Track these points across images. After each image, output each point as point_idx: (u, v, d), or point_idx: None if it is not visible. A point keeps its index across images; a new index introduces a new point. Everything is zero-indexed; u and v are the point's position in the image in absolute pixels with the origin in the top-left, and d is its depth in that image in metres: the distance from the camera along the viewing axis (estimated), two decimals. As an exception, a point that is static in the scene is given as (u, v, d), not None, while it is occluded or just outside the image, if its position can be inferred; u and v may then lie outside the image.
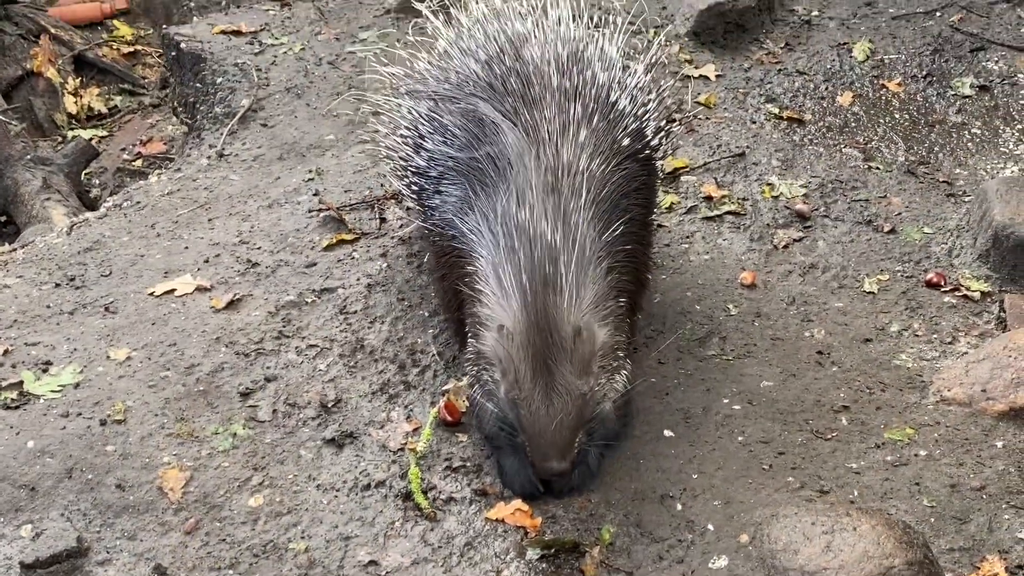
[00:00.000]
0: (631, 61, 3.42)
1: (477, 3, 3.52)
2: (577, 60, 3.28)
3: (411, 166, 3.39)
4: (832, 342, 3.48)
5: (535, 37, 3.36)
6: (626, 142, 3.21)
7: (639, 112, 3.29)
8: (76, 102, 5.54)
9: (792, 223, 3.95)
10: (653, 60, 3.43)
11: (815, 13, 4.97)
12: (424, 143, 3.34)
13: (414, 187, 3.40)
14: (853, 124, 4.45)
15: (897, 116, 4.50)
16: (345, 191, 4.07)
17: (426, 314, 3.52)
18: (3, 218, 4.80)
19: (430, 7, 3.60)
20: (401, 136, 3.46)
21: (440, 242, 3.25)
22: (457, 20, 3.51)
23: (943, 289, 3.68)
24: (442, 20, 3.54)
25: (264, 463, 3.06)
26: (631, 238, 3.14)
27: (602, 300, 2.96)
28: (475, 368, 3.07)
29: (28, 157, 4.69)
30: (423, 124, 3.35)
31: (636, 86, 3.33)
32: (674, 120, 3.70)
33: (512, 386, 2.89)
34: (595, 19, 3.51)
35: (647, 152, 3.31)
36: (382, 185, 4.03)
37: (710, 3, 4.83)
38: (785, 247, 3.85)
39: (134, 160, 5.22)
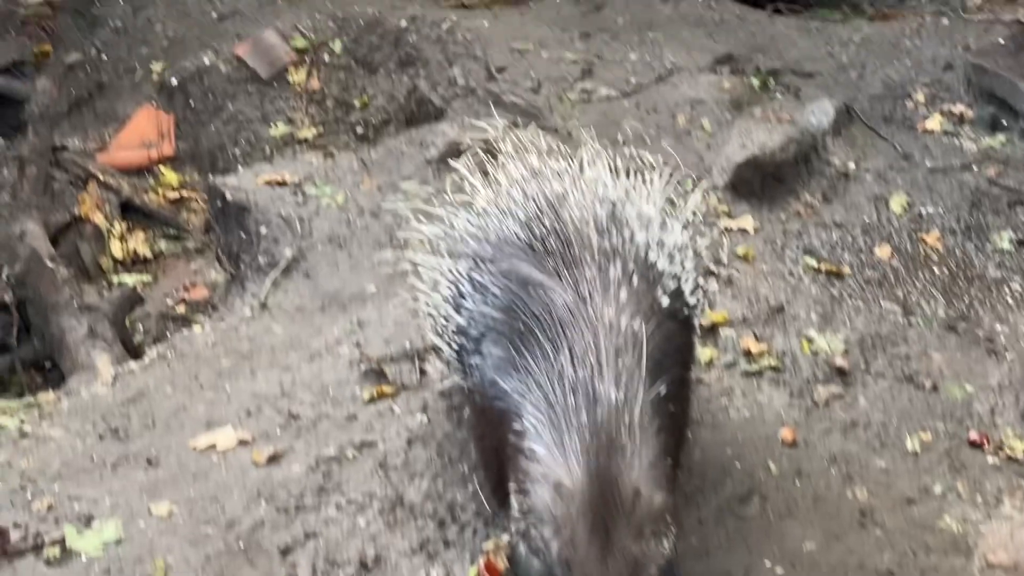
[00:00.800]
0: (669, 218, 3.46)
1: (515, 164, 3.57)
2: (615, 220, 3.32)
3: (451, 325, 3.42)
4: (875, 503, 3.45)
5: (573, 196, 3.40)
6: (666, 302, 3.24)
7: (678, 271, 3.32)
8: (122, 247, 5.62)
9: (832, 379, 3.95)
10: (690, 218, 3.47)
11: (852, 166, 5.02)
12: (464, 302, 3.37)
13: (454, 345, 3.43)
14: (892, 278, 4.47)
15: (936, 270, 4.52)
16: (386, 342, 4.10)
17: (465, 470, 3.53)
18: (49, 364, 4.87)
19: (467, 165, 3.66)
20: (441, 294, 3.50)
21: (482, 401, 3.27)
22: (495, 179, 3.57)
23: (986, 449, 3.66)
24: (479, 179, 3.60)
25: (303, 624, 3.05)
26: (674, 397, 3.15)
27: (655, 461, 2.97)
28: (522, 525, 3.06)
29: (74, 304, 4.75)
30: (463, 283, 3.39)
31: (674, 245, 3.36)
32: (713, 274, 3.73)
33: (566, 546, 2.88)
34: (631, 174, 3.55)
35: (686, 311, 3.34)
36: (422, 337, 4.06)
37: (747, 156, 4.89)
38: (826, 403, 3.85)
39: (177, 305, 5.28)
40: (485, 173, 3.58)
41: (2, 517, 3.36)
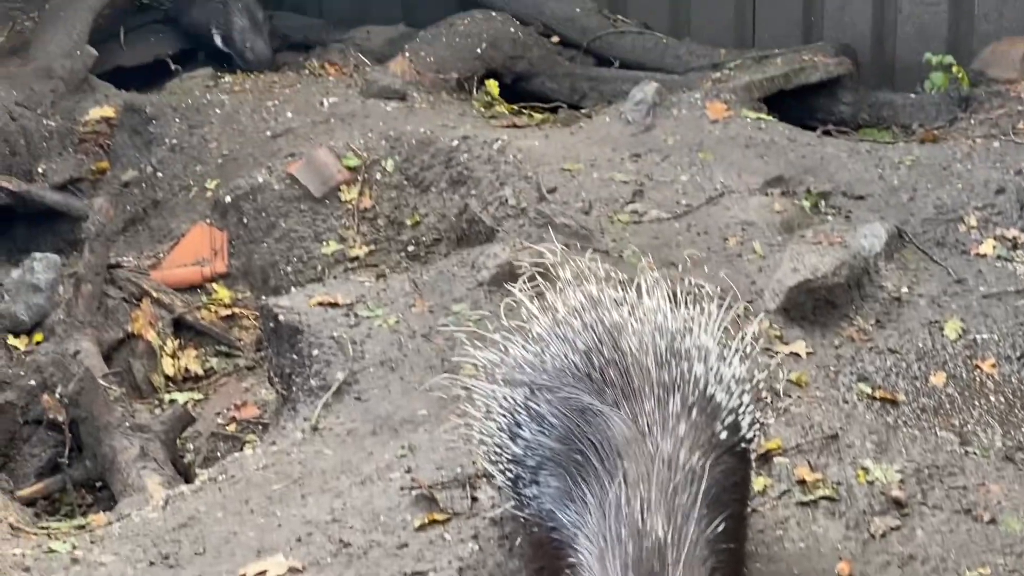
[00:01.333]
0: (726, 349, 3.45)
1: (573, 291, 3.57)
2: (675, 352, 3.32)
3: (506, 453, 3.41)
4: (935, 641, 3.39)
5: (632, 327, 3.40)
6: (724, 435, 3.23)
7: (736, 405, 3.31)
8: (174, 364, 5.66)
9: (889, 510, 3.90)
10: (747, 350, 3.46)
11: (905, 290, 5.00)
12: (521, 432, 3.36)
13: (509, 474, 3.41)
14: (948, 406, 4.43)
15: (992, 398, 4.48)
16: (437, 468, 4.08)
17: (518, 602, 3.49)
18: (99, 484, 4.88)
19: (523, 289, 3.67)
20: (495, 422, 3.49)
21: (537, 532, 3.25)
22: (552, 306, 3.57)
23: (1048, 586, 3.59)
24: (536, 305, 3.60)
25: None
26: (731, 535, 3.12)
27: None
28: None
29: (126, 424, 4.77)
30: (519, 412, 3.38)
31: (733, 377, 3.35)
32: (770, 405, 3.71)
33: None
34: (688, 303, 3.55)
35: (744, 444, 3.32)
36: (474, 463, 4.04)
37: (799, 280, 4.87)
38: (882, 536, 3.80)
39: (228, 424, 5.30)
40: (542, 299, 3.59)
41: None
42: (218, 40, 7.88)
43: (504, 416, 3.45)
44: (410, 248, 6.05)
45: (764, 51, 7.12)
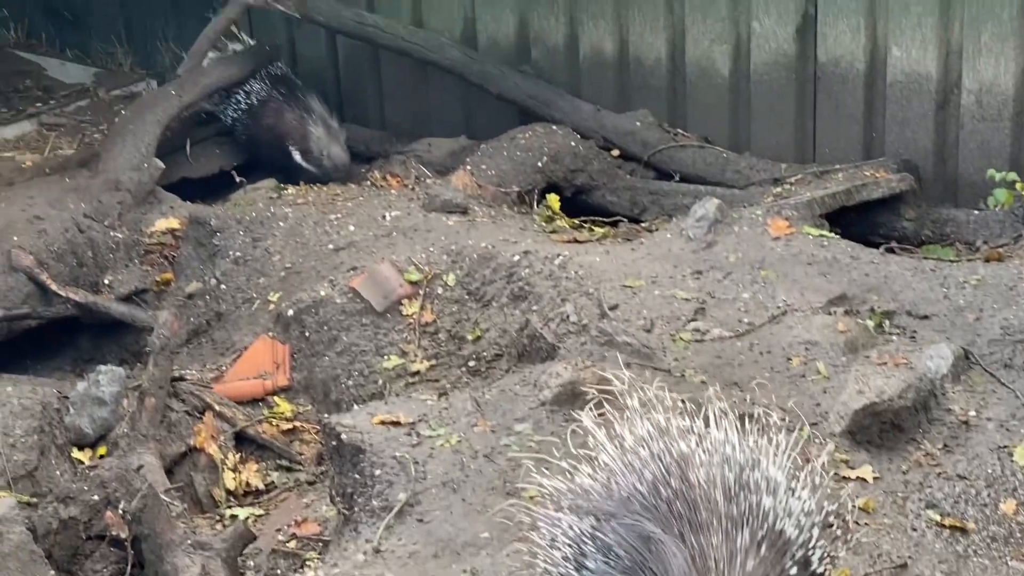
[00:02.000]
0: (796, 481, 3.41)
1: (640, 419, 3.56)
2: (743, 485, 3.29)
3: (572, 584, 3.38)
4: None
5: (700, 458, 3.38)
6: (793, 571, 3.19)
7: (806, 539, 3.27)
8: (235, 478, 5.67)
9: (961, 644, 3.82)
10: (817, 482, 3.42)
11: (972, 413, 4.94)
12: (586, 562, 3.34)
13: (574, 605, 3.38)
14: (1018, 535, 4.35)
15: (1064, 530, 4.39)
16: (500, 594, 4.05)
17: None
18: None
19: (590, 415, 3.66)
20: (560, 551, 3.46)
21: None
22: (619, 434, 3.55)
23: None
24: (603, 433, 3.58)
25: None
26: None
27: None
28: None
29: (188, 542, 4.77)
30: (586, 543, 3.36)
31: (802, 511, 3.32)
32: (837, 535, 3.65)
33: None
34: (755, 431, 3.52)
35: (813, 580, 3.28)
36: (538, 590, 4.00)
37: (864, 402, 4.82)
38: (955, 671, 3.72)
39: (288, 541, 5.28)
40: (608, 426, 3.58)
41: None
42: (297, 156, 8.00)
43: (570, 546, 3.42)
44: (471, 363, 6.06)
45: (825, 166, 7.14)
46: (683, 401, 3.60)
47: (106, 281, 6.96)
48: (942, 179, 7.07)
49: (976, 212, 6.73)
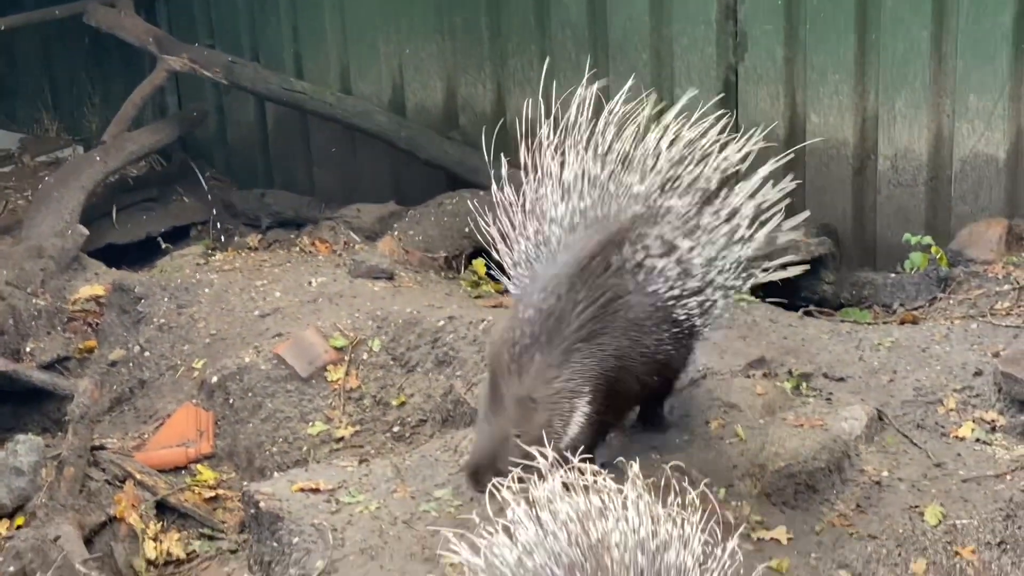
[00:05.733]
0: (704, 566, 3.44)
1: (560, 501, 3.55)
2: (655, 569, 3.33)
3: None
4: None
5: (615, 538, 3.41)
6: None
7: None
8: (156, 547, 5.62)
9: None
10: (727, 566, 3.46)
11: (885, 474, 5.01)
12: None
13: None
14: (929, 594, 4.42)
15: (973, 588, 4.46)
16: (416, 662, 4.06)
17: None
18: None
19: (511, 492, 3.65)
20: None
21: None
22: (537, 519, 3.55)
23: None
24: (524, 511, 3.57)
25: None
26: None
27: None
28: None
29: (105, 615, 4.74)
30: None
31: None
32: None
33: None
34: (672, 513, 3.52)
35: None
36: (453, 656, 4.01)
37: (780, 464, 4.89)
38: None
39: (209, 611, 5.25)
40: (529, 505, 3.58)
41: None
42: None
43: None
44: (395, 429, 6.07)
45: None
46: (604, 480, 3.59)
47: (28, 349, 6.91)
48: (860, 243, 7.20)
49: (893, 275, 6.85)
